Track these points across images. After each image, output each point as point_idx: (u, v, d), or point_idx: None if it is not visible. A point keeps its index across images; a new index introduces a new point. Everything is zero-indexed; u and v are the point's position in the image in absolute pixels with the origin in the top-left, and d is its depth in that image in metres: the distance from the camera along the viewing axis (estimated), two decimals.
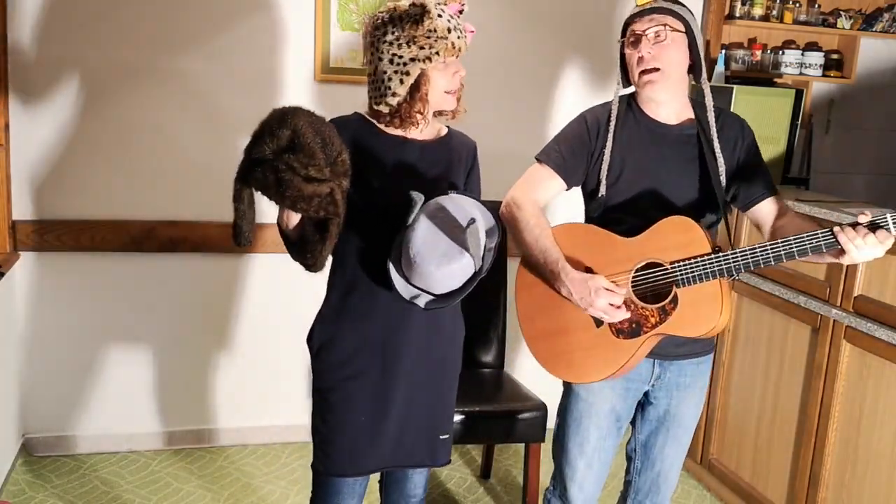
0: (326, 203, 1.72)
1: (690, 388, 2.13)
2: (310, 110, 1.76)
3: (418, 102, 1.91)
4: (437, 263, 1.76)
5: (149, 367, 3.32)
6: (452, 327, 2.07)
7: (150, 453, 3.35)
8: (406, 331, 1.96)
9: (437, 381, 2.05)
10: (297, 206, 1.71)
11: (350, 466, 2.01)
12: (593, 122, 2.09)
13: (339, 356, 1.98)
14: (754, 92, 3.33)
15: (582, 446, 2.14)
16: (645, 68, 1.98)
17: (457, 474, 3.34)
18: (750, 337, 3.07)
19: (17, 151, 3.05)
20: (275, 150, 1.68)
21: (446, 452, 2.10)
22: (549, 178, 2.10)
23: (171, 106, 3.15)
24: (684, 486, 3.32)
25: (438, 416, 2.07)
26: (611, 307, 1.94)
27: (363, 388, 1.97)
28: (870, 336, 2.48)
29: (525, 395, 2.87)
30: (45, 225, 3.10)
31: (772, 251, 1.85)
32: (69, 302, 3.20)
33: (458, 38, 1.88)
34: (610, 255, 2.00)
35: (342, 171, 1.74)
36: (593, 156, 2.08)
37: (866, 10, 3.93)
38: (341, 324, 1.98)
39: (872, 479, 2.50)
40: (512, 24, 3.41)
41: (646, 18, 1.99)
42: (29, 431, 3.27)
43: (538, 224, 2.06)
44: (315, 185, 1.68)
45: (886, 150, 4.17)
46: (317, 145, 1.68)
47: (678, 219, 1.96)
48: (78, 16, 3.02)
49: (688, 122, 2.08)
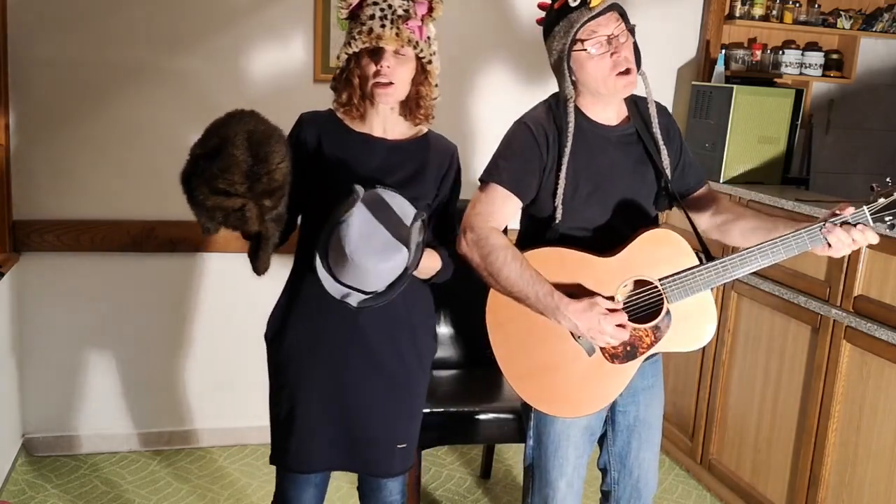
0: (235, 219, 1.65)
1: (653, 389, 2.10)
2: (263, 119, 1.71)
3: (343, 87, 1.91)
4: (377, 259, 1.69)
5: (149, 366, 3.32)
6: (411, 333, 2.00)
7: (150, 453, 3.35)
8: (353, 332, 1.93)
9: (393, 389, 1.99)
10: (200, 213, 1.66)
11: (295, 462, 2.01)
12: (540, 132, 1.93)
13: (286, 352, 1.99)
14: (754, 92, 3.33)
15: (562, 468, 2.06)
16: (622, 70, 1.87)
17: (457, 474, 3.34)
18: (750, 337, 3.06)
19: (17, 151, 3.06)
20: (198, 153, 1.65)
21: (403, 462, 2.05)
22: (505, 200, 1.92)
23: (171, 106, 3.15)
24: (684, 486, 3.31)
25: (394, 425, 2.01)
26: (617, 328, 1.85)
27: (307, 386, 1.97)
28: (870, 336, 2.48)
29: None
30: (45, 225, 3.10)
31: (759, 255, 1.84)
32: (69, 302, 3.20)
33: (380, 27, 1.82)
34: (590, 277, 1.89)
35: (265, 190, 1.65)
36: (546, 170, 1.93)
37: (866, 10, 3.93)
38: (289, 320, 1.99)
39: (872, 479, 2.50)
40: (511, 24, 3.41)
41: (606, 18, 1.87)
42: (29, 431, 3.27)
43: (515, 256, 1.87)
44: (221, 198, 1.62)
45: (886, 150, 4.17)
46: (240, 159, 1.61)
47: (656, 232, 1.90)
48: (78, 16, 3.03)
49: (625, 120, 2.01)
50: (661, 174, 2.00)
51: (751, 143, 3.34)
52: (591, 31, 1.86)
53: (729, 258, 1.86)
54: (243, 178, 1.62)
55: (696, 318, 1.89)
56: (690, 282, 1.87)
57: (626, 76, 1.88)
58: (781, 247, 1.84)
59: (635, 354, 1.91)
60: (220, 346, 3.36)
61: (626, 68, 1.88)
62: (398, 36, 1.83)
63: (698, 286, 1.87)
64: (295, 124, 2.00)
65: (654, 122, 1.99)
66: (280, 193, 1.69)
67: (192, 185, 1.63)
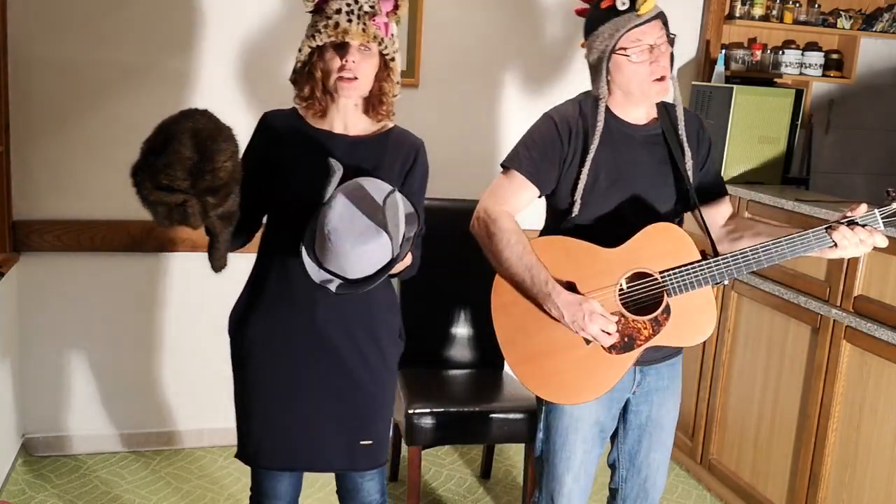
0: (177, 214, 1.67)
1: (668, 391, 2.11)
2: (214, 118, 1.72)
3: (306, 81, 1.91)
4: (353, 242, 1.69)
5: (149, 366, 3.32)
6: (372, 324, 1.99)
7: (150, 453, 3.35)
8: (310, 329, 1.93)
9: (354, 384, 1.98)
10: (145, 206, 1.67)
11: (259, 458, 2.02)
12: (564, 125, 1.98)
13: (246, 348, 2.00)
14: (754, 92, 3.33)
15: (569, 461, 2.08)
16: (658, 77, 1.92)
17: (457, 474, 3.34)
18: (750, 337, 3.06)
19: (17, 151, 3.05)
20: (143, 149, 1.67)
21: (371, 459, 2.03)
22: (522, 187, 1.99)
23: (171, 106, 3.09)
24: (684, 486, 3.31)
25: (356, 421, 1.99)
26: (603, 333, 1.88)
27: (267, 382, 1.98)
28: (870, 336, 2.48)
29: (525, 395, 2.87)
30: (45, 225, 3.10)
31: (764, 254, 1.84)
32: (69, 302, 3.20)
33: (347, 21, 1.82)
34: (593, 267, 1.92)
35: (208, 187, 1.66)
36: (566, 162, 1.98)
37: (866, 10, 3.93)
38: (248, 316, 2.00)
39: (872, 479, 2.50)
40: (511, 24, 3.41)
41: (651, 25, 1.90)
42: (29, 431, 3.27)
43: (519, 240, 1.93)
44: (163, 193, 1.63)
45: (886, 150, 4.17)
46: (184, 155, 1.63)
47: (662, 226, 1.92)
48: (78, 16, 3.03)
49: (653, 121, 2.04)
50: (682, 177, 2.02)
51: (751, 143, 3.34)
52: (636, 38, 1.89)
53: (731, 254, 1.87)
54: (186, 174, 1.63)
55: (695, 314, 1.90)
56: (691, 277, 1.87)
57: (660, 83, 1.93)
58: (786, 246, 1.84)
59: (633, 346, 1.92)
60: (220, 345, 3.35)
61: (661, 76, 1.92)
62: (364, 31, 1.84)
63: (699, 281, 1.87)
64: (258, 123, 2.00)
65: (680, 125, 2.01)
66: (225, 191, 1.69)
67: (139, 180, 1.65)
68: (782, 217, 2.85)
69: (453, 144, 3.42)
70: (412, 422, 2.68)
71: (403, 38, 3.31)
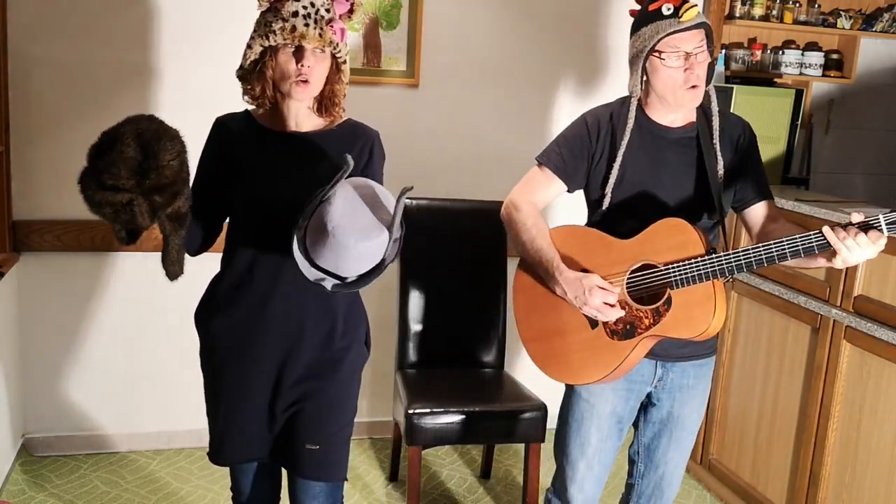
0: (124, 213, 1.67)
1: (693, 390, 2.12)
2: (159, 121, 1.71)
3: (257, 80, 1.90)
4: (357, 238, 1.67)
5: (148, 366, 3.32)
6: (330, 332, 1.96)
7: (150, 453, 3.35)
8: (265, 326, 1.94)
9: (304, 387, 1.95)
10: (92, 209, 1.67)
11: (218, 455, 2.04)
12: (594, 123, 2.08)
13: (206, 343, 2.06)
14: (754, 92, 3.34)
15: (583, 447, 2.13)
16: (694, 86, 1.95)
17: (457, 474, 3.34)
18: (750, 337, 3.07)
19: (17, 151, 3.06)
20: (89, 153, 1.66)
21: (316, 468, 1.96)
22: (549, 181, 2.11)
23: (171, 106, 3.15)
24: (684, 486, 3.32)
25: (303, 424, 1.95)
26: (605, 306, 1.94)
27: (223, 382, 2.00)
28: (870, 336, 2.48)
29: (525, 395, 2.87)
30: (45, 225, 3.10)
31: (764, 252, 1.85)
32: (69, 302, 3.20)
33: (304, 25, 1.81)
34: (605, 256, 2.00)
35: (154, 185, 1.66)
36: (594, 159, 2.08)
37: (866, 10, 3.94)
38: (209, 314, 2.04)
39: (872, 479, 2.50)
40: (511, 24, 3.41)
41: (691, 34, 1.94)
42: (29, 431, 3.27)
43: (535, 225, 2.07)
44: (108, 193, 1.63)
45: (886, 150, 4.18)
46: (127, 155, 1.62)
47: (672, 220, 1.95)
48: (78, 16, 3.03)
49: (689, 125, 2.07)
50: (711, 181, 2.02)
51: None
52: (675, 44, 1.94)
53: (733, 252, 1.88)
54: (130, 173, 1.63)
55: (696, 308, 1.91)
56: (693, 271, 1.90)
57: (693, 91, 1.97)
58: (787, 246, 1.83)
59: (634, 333, 1.96)
60: None
61: (694, 84, 1.96)
62: (321, 37, 1.84)
63: (701, 276, 1.89)
64: (212, 128, 2.01)
65: (715, 132, 2.04)
66: (172, 190, 1.69)
67: (83, 181, 1.65)
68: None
69: (453, 144, 3.42)
70: (412, 422, 2.68)
71: (403, 39, 3.31)
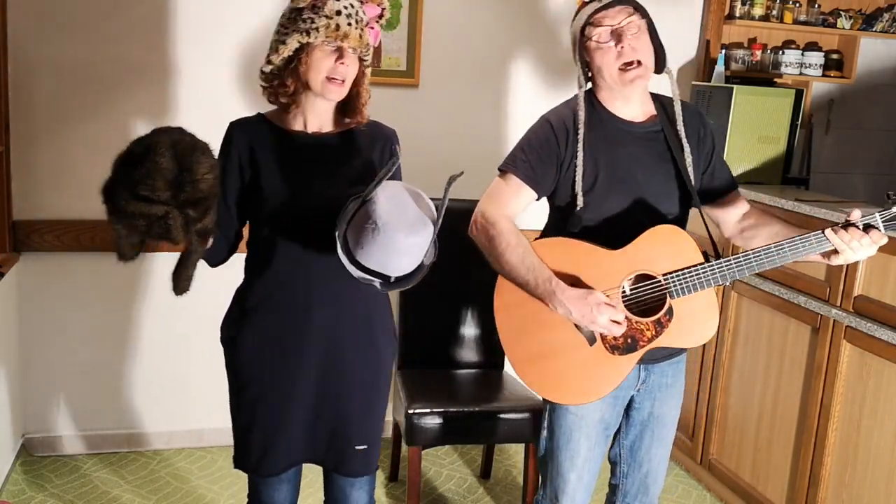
0: (159, 227, 1.61)
1: (672, 388, 2.11)
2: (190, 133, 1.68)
3: (289, 77, 1.86)
4: (406, 233, 1.65)
5: (148, 367, 3.32)
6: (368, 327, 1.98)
7: (150, 453, 3.35)
8: (307, 333, 1.92)
9: (350, 387, 1.96)
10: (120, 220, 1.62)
11: (261, 466, 1.99)
12: (560, 126, 1.98)
13: (240, 356, 1.98)
14: (754, 92, 3.33)
15: (573, 459, 2.08)
16: (628, 61, 1.90)
17: (457, 474, 3.34)
18: (750, 337, 3.06)
19: (17, 151, 3.05)
20: (119, 162, 1.62)
21: (365, 464, 2.01)
22: (519, 190, 1.98)
23: (171, 106, 3.15)
24: (684, 486, 3.31)
25: (350, 426, 1.98)
26: (612, 322, 1.88)
27: (264, 389, 1.95)
28: (870, 336, 2.48)
29: (524, 395, 2.87)
30: (45, 225, 3.10)
31: (766, 256, 1.84)
32: (69, 302, 3.20)
33: (347, 25, 1.81)
34: (596, 269, 1.92)
35: (189, 199, 1.61)
36: (563, 164, 1.97)
37: (866, 10, 3.94)
38: (241, 323, 1.97)
39: (872, 479, 2.50)
40: (511, 24, 3.41)
41: (615, 10, 1.91)
42: (29, 431, 3.27)
43: (520, 242, 1.93)
44: (143, 204, 1.57)
45: (886, 150, 4.17)
46: (163, 166, 1.58)
47: (665, 228, 1.92)
48: (78, 16, 3.03)
49: (652, 118, 2.03)
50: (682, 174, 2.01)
51: (751, 143, 3.34)
52: (599, 22, 1.92)
53: (734, 258, 1.87)
54: (167, 185, 1.58)
55: (698, 315, 1.90)
56: (694, 279, 1.88)
57: (632, 69, 1.90)
58: (788, 249, 1.84)
59: (636, 347, 1.92)
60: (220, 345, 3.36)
61: (631, 60, 1.90)
62: (360, 38, 1.85)
63: (701, 284, 1.87)
64: (226, 133, 1.96)
65: (679, 121, 2.00)
66: (205, 205, 1.65)
67: (114, 193, 1.59)
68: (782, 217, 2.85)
69: (453, 144, 3.42)
70: (412, 422, 2.68)
71: (403, 39, 3.31)
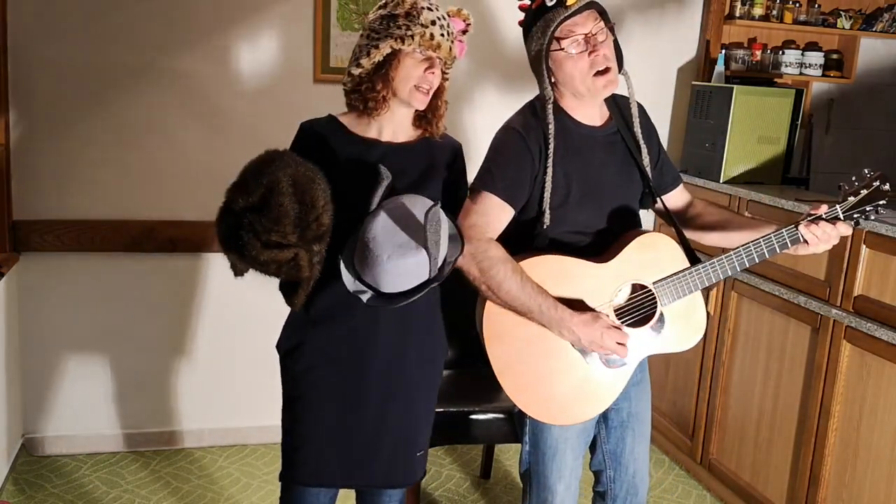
0: (288, 268, 1.62)
1: (642, 384, 2.11)
2: (298, 159, 1.66)
3: (380, 82, 1.83)
4: (391, 254, 1.64)
5: (149, 366, 3.32)
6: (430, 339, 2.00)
7: (151, 453, 3.35)
8: (374, 341, 1.90)
9: (412, 396, 1.97)
10: (253, 266, 1.63)
11: (313, 477, 1.97)
12: (532, 138, 1.89)
13: (303, 365, 1.94)
14: (754, 92, 3.33)
15: (561, 472, 2.06)
16: (601, 69, 1.85)
17: (457, 474, 3.34)
18: (750, 337, 3.06)
19: (17, 151, 3.05)
20: (243, 206, 1.60)
21: (421, 469, 2.06)
22: (501, 209, 1.88)
23: (171, 106, 3.15)
24: (684, 486, 3.31)
25: (414, 432, 1.99)
26: (618, 345, 1.86)
27: (327, 399, 1.93)
28: (870, 336, 2.48)
29: None
30: (45, 225, 3.10)
31: (745, 255, 1.89)
32: (69, 302, 3.20)
33: (440, 35, 1.81)
34: (585, 285, 1.89)
35: (315, 236, 1.62)
36: (536, 178, 1.89)
37: (866, 10, 3.93)
38: (306, 331, 1.94)
39: (872, 479, 2.50)
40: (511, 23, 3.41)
41: (584, 16, 1.84)
42: (29, 431, 3.27)
43: (515, 269, 1.83)
44: (275, 251, 1.58)
45: (886, 150, 4.17)
46: (288, 208, 1.57)
47: (648, 236, 1.91)
48: (78, 16, 3.03)
49: (609, 121, 2.00)
50: (644, 173, 2.01)
51: (751, 143, 3.34)
52: (569, 30, 1.84)
53: (717, 259, 1.90)
54: (294, 227, 1.58)
55: (687, 319, 1.92)
56: (682, 284, 1.89)
57: (604, 75, 1.86)
58: (765, 246, 1.89)
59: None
60: (220, 346, 3.36)
61: (604, 67, 1.85)
62: (450, 51, 1.86)
63: (689, 288, 1.89)
64: (296, 135, 1.94)
65: (635, 121, 1.98)
66: (328, 236, 1.67)
67: (243, 241, 1.58)
68: (782, 217, 2.85)
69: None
70: None
71: None
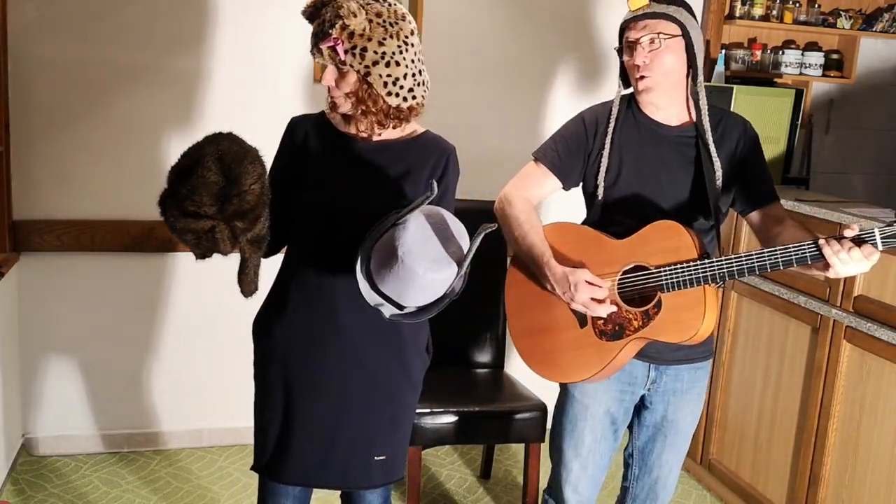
0: (206, 241, 1.62)
1: (688, 394, 2.11)
2: (239, 140, 1.66)
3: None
4: (426, 268, 1.61)
5: (149, 366, 3.32)
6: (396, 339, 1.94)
7: (150, 453, 3.35)
8: (331, 332, 1.89)
9: (372, 395, 1.93)
10: (174, 235, 1.64)
11: (268, 469, 1.97)
12: (591, 121, 2.09)
13: (267, 356, 1.96)
14: (754, 92, 3.34)
15: (577, 448, 2.12)
16: (641, 75, 1.98)
17: (457, 474, 3.34)
18: (750, 337, 3.06)
19: (17, 151, 3.05)
20: (172, 177, 1.63)
21: (384, 475, 1.99)
22: (544, 177, 2.11)
23: (171, 106, 3.15)
24: (684, 486, 3.32)
25: (376, 436, 1.95)
26: (592, 301, 1.91)
27: (278, 392, 1.93)
28: (870, 336, 2.48)
29: (525, 395, 2.87)
30: (45, 225, 3.10)
31: (757, 261, 1.82)
32: (69, 302, 3.20)
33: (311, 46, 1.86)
34: (598, 256, 1.99)
35: (236, 212, 1.62)
36: (591, 156, 2.07)
37: (866, 10, 3.94)
38: (269, 321, 1.96)
39: (872, 479, 2.50)
40: (511, 23, 3.41)
41: (639, 25, 1.97)
42: (29, 431, 3.27)
43: (528, 220, 2.06)
44: (190, 220, 1.59)
45: (886, 150, 4.18)
46: (210, 180, 1.58)
47: (666, 223, 1.93)
48: (78, 16, 3.03)
49: (687, 124, 2.06)
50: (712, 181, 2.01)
51: None
52: (627, 34, 2.01)
53: (726, 258, 1.86)
54: (213, 199, 1.59)
55: (685, 312, 1.90)
56: (685, 275, 1.88)
57: (640, 80, 1.99)
58: (780, 257, 1.80)
59: (622, 335, 1.95)
60: (221, 346, 3.36)
61: (639, 74, 1.98)
62: (321, 55, 1.83)
63: (692, 281, 1.88)
64: (286, 129, 1.97)
65: (706, 131, 2.02)
66: (253, 215, 1.65)
67: (165, 207, 1.61)
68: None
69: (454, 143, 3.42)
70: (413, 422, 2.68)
71: None
